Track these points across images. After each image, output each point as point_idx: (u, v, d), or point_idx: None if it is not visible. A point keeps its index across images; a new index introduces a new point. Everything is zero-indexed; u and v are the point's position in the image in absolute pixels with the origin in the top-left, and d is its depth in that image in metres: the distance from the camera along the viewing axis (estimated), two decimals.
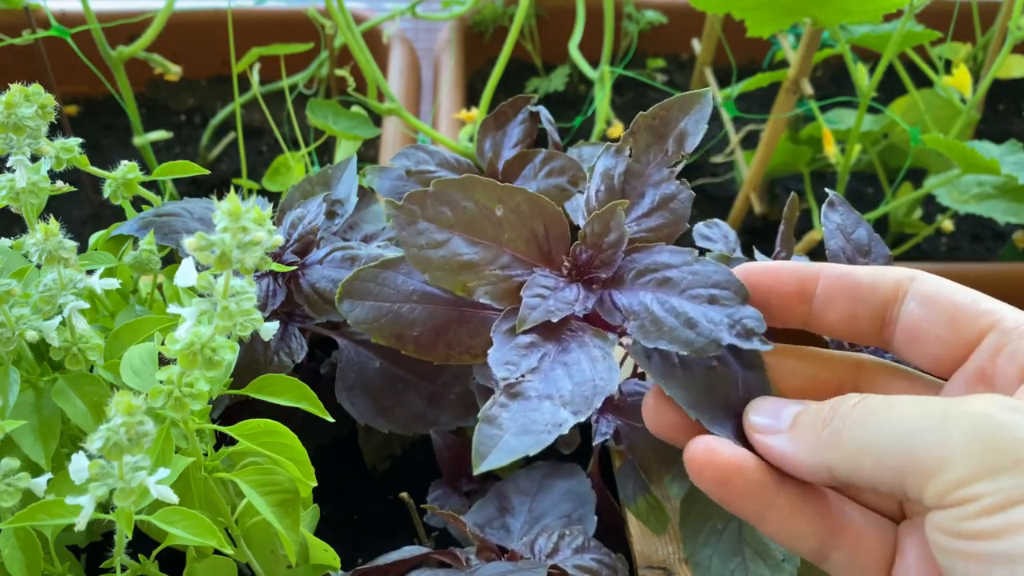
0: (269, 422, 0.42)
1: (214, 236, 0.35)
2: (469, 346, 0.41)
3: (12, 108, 0.44)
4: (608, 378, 0.35)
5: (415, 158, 0.62)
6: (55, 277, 0.43)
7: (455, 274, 0.39)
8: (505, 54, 0.84)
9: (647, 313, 0.37)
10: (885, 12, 0.74)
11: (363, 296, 0.42)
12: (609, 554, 0.49)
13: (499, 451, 0.33)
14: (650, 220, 0.40)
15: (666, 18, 1.17)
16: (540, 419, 0.34)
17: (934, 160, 0.93)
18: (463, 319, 0.41)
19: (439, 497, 0.59)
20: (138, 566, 0.44)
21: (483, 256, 0.39)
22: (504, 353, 0.36)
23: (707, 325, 0.36)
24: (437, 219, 0.39)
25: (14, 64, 0.85)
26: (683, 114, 0.40)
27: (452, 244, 0.39)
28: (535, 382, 0.35)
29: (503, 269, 0.39)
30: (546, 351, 0.36)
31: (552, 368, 0.36)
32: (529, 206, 0.39)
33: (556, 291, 0.38)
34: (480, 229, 0.39)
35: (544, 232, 0.39)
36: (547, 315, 0.37)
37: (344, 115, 0.85)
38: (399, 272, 0.42)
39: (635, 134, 0.40)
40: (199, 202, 0.56)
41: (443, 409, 0.55)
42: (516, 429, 0.33)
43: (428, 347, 0.41)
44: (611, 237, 0.39)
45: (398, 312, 0.41)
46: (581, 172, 0.59)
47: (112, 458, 0.34)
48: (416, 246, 0.38)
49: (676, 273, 0.38)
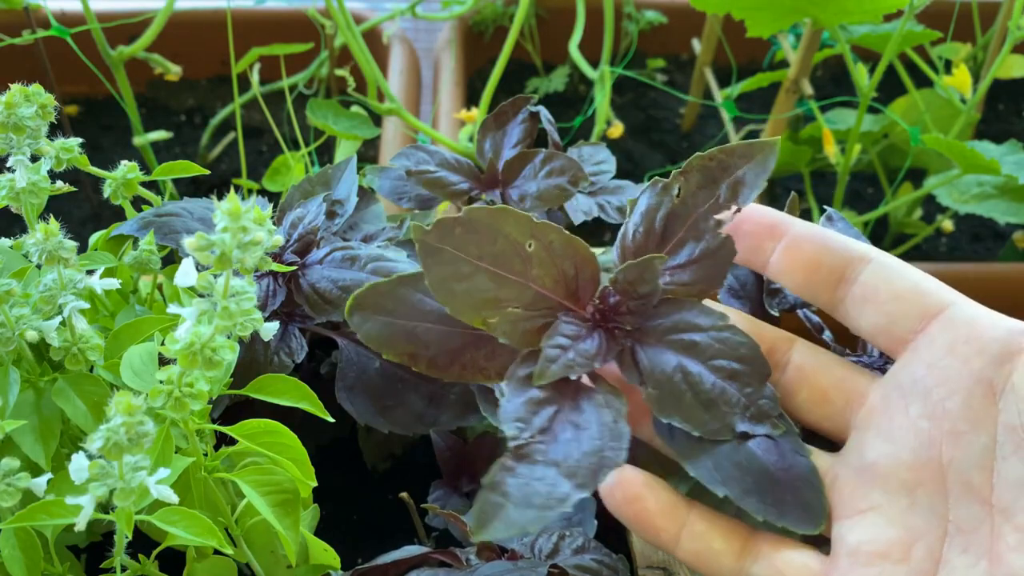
0: (269, 422, 0.42)
1: (214, 236, 0.35)
2: (483, 367, 0.39)
3: (12, 108, 0.44)
4: (618, 448, 0.34)
5: (415, 158, 0.62)
6: (55, 277, 0.43)
7: (477, 310, 0.37)
8: (505, 54, 0.84)
9: (667, 383, 0.36)
10: (885, 12, 0.74)
11: (377, 311, 0.39)
12: (610, 554, 0.49)
13: (500, 522, 0.32)
14: (685, 273, 0.38)
15: (666, 18, 1.17)
16: (543, 491, 0.33)
17: (934, 160, 0.93)
18: (480, 342, 0.39)
19: (439, 497, 0.59)
20: (138, 566, 0.44)
21: (508, 292, 0.37)
22: (516, 407, 0.35)
23: (723, 409, 0.35)
24: (465, 249, 0.36)
25: (14, 64, 0.85)
26: (744, 161, 0.37)
27: (477, 278, 0.37)
28: (544, 445, 0.34)
29: (526, 308, 0.37)
30: (559, 408, 0.35)
31: (563, 429, 0.35)
32: (562, 244, 0.37)
33: (578, 340, 0.37)
34: (508, 264, 0.37)
35: (574, 273, 0.37)
36: (566, 371, 0.36)
37: (344, 115, 0.86)
38: (417, 290, 0.39)
39: (687, 174, 0.38)
40: (199, 202, 0.56)
41: (443, 409, 0.55)
42: (519, 500, 0.32)
43: (442, 367, 0.39)
44: (644, 289, 0.37)
45: (413, 331, 0.39)
46: (581, 172, 0.59)
47: (112, 458, 0.34)
48: (440, 277, 0.36)
49: (703, 338, 0.36)
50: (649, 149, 1.09)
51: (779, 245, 0.38)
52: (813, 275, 0.37)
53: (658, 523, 0.36)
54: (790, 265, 0.38)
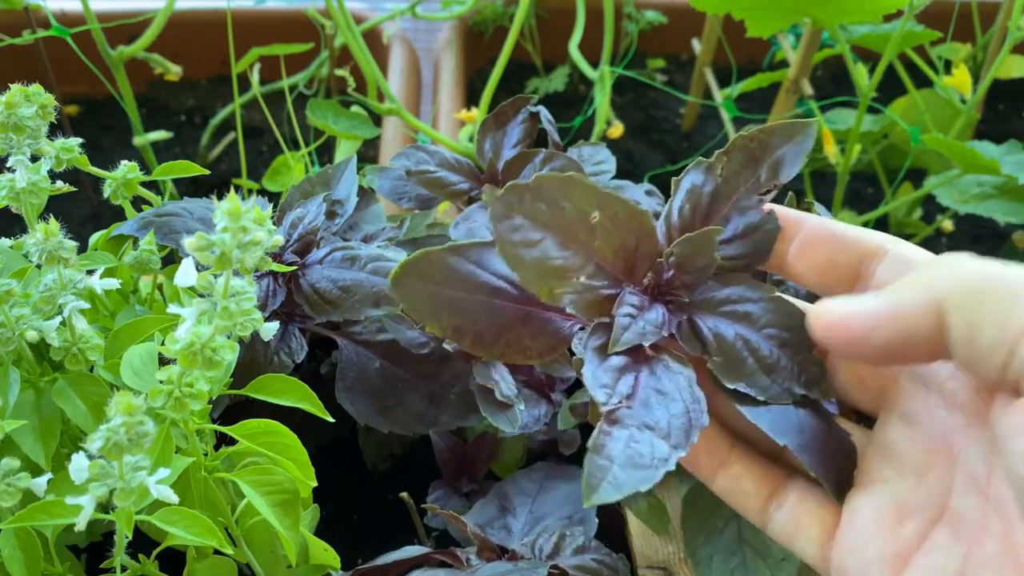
0: (269, 422, 0.42)
1: (214, 236, 0.35)
2: (527, 347, 0.38)
3: (12, 108, 0.44)
4: (699, 410, 0.35)
5: (415, 158, 0.62)
6: (55, 277, 0.43)
7: (545, 279, 0.37)
8: (505, 54, 0.84)
9: (730, 350, 0.37)
10: (885, 12, 0.74)
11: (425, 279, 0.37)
12: (610, 554, 0.49)
13: (609, 484, 0.32)
14: (731, 248, 0.38)
15: (666, 18, 1.17)
16: (646, 452, 0.33)
17: (934, 160, 0.93)
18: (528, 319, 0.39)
19: (439, 497, 0.59)
20: (138, 566, 0.44)
21: (572, 262, 0.37)
22: (599, 374, 0.35)
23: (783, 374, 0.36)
24: (534, 216, 0.36)
25: (14, 64, 0.85)
26: (784, 141, 0.38)
27: (544, 245, 0.37)
28: (631, 410, 0.35)
29: (590, 278, 0.37)
30: (637, 375, 0.36)
31: (647, 395, 0.35)
32: (627, 216, 0.37)
33: (643, 311, 0.37)
34: (573, 234, 0.37)
35: (635, 246, 0.38)
36: (639, 338, 0.36)
37: (344, 115, 0.85)
38: (469, 261, 0.38)
39: (729, 154, 0.38)
40: (199, 202, 0.56)
41: (443, 409, 0.55)
42: (623, 461, 0.33)
43: (487, 344, 0.38)
44: (700, 263, 0.38)
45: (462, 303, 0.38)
46: (581, 172, 0.59)
47: (112, 458, 0.34)
48: (510, 242, 0.36)
49: (755, 308, 0.37)
50: (649, 149, 1.09)
51: (792, 245, 0.38)
52: (829, 274, 0.38)
53: (700, 459, 0.39)
54: (805, 265, 0.38)
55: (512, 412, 0.53)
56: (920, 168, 0.96)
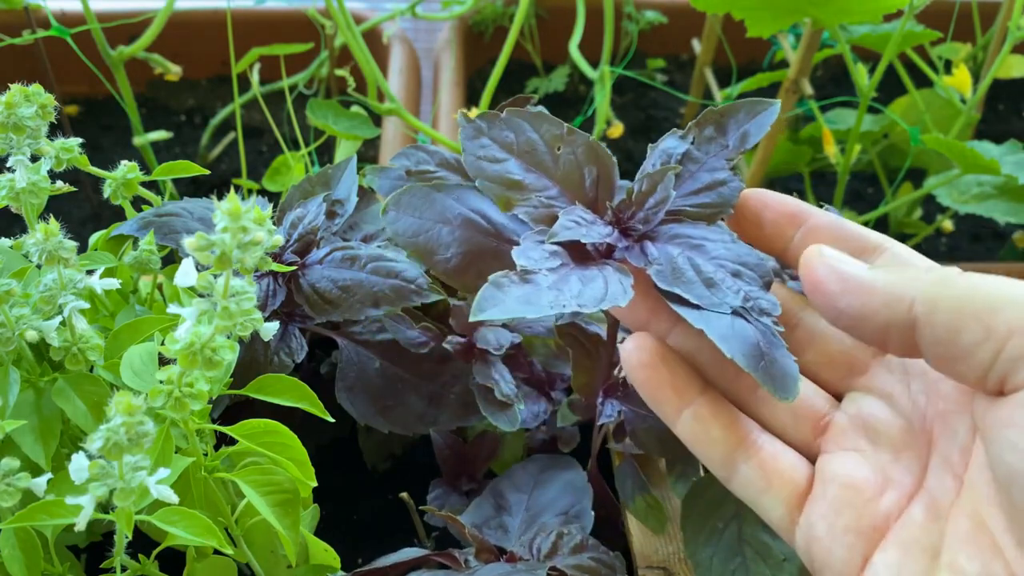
0: (269, 422, 0.42)
1: (214, 236, 0.35)
2: None
3: (12, 108, 0.44)
4: (621, 292, 0.36)
5: (415, 158, 0.62)
6: (55, 277, 0.43)
7: (504, 188, 0.40)
8: (505, 54, 0.84)
9: (671, 263, 0.38)
10: (885, 12, 0.74)
11: (409, 209, 0.43)
12: (607, 552, 0.49)
13: (498, 308, 0.33)
14: (698, 197, 0.41)
15: (666, 18, 1.17)
16: (545, 298, 0.34)
17: (934, 160, 0.93)
18: (498, 253, 0.42)
19: (439, 497, 0.59)
20: (138, 566, 0.44)
21: (534, 182, 0.40)
22: (531, 249, 0.37)
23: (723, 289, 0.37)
24: (500, 140, 0.41)
25: (14, 64, 0.85)
26: (749, 117, 0.41)
27: (508, 164, 0.40)
28: (550, 277, 0.36)
29: (549, 199, 0.40)
30: (567, 263, 0.37)
31: (568, 275, 0.36)
32: (587, 151, 0.41)
33: (592, 224, 0.39)
34: (537, 160, 0.41)
35: (596, 178, 0.41)
36: (578, 235, 0.38)
37: (344, 115, 0.85)
38: (449, 196, 0.43)
39: (700, 124, 0.41)
40: (199, 202, 0.56)
41: (443, 409, 0.55)
42: (519, 296, 0.34)
43: (458, 272, 0.42)
44: (656, 196, 0.40)
45: (438, 232, 0.43)
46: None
47: (112, 458, 0.34)
48: (475, 155, 0.40)
49: (710, 244, 0.39)
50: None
51: (798, 233, 0.39)
52: None
53: (666, 394, 0.38)
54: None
55: (512, 411, 0.53)
56: (920, 168, 0.96)
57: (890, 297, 0.33)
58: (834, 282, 0.34)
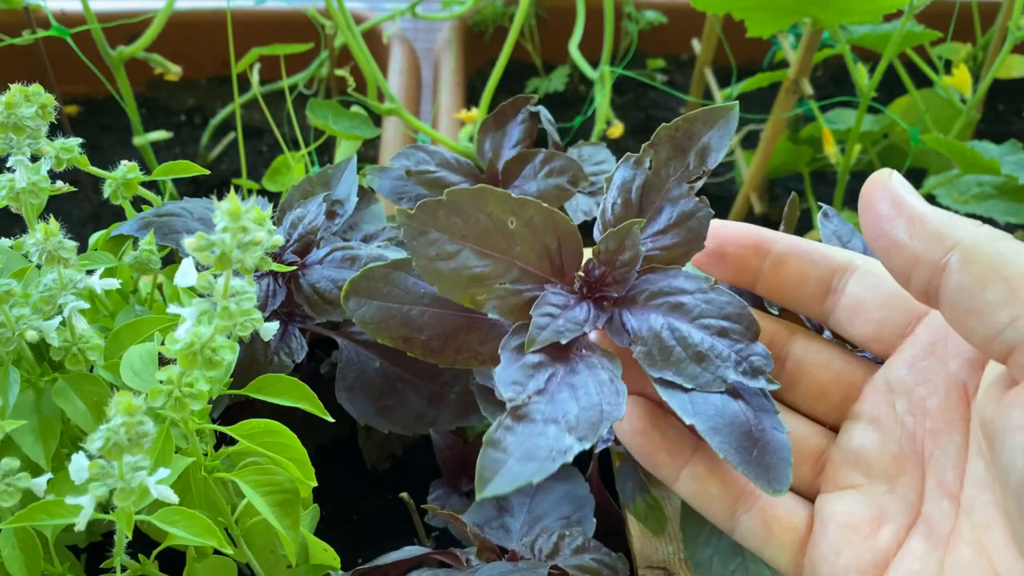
0: (269, 422, 0.42)
1: (214, 236, 0.35)
2: (477, 352, 0.39)
3: (12, 108, 0.44)
4: (615, 403, 0.35)
5: (415, 158, 0.62)
6: (55, 277, 0.43)
7: (464, 287, 0.37)
8: (505, 54, 0.84)
9: (656, 340, 0.36)
10: (885, 12, 0.74)
11: (371, 295, 0.40)
12: (609, 554, 0.49)
13: (502, 477, 0.32)
14: (666, 238, 0.38)
15: (666, 18, 1.16)
16: (545, 444, 0.33)
17: (934, 160, 0.93)
18: (473, 325, 0.40)
19: (439, 497, 0.59)
20: (138, 566, 0.44)
21: (493, 269, 0.38)
22: (511, 372, 0.35)
23: (715, 362, 0.36)
24: (449, 229, 0.37)
25: (14, 64, 0.85)
26: (707, 127, 0.38)
27: (462, 256, 0.37)
28: (541, 404, 0.34)
29: (513, 283, 0.38)
30: (554, 371, 0.36)
31: (559, 390, 0.35)
32: (543, 219, 0.38)
33: (566, 310, 0.38)
34: (491, 242, 0.37)
35: (557, 247, 0.38)
36: (556, 336, 0.36)
37: (344, 115, 0.85)
38: (410, 274, 0.40)
39: (656, 146, 0.39)
40: (199, 202, 0.56)
41: (443, 409, 0.55)
42: (520, 455, 0.33)
43: (436, 351, 0.40)
44: (625, 256, 0.38)
45: (407, 314, 0.40)
46: (581, 172, 0.59)
47: (112, 458, 0.34)
48: (426, 257, 0.37)
49: (689, 300, 0.37)
50: None
51: (765, 264, 0.39)
52: (800, 290, 0.39)
53: (662, 458, 0.38)
54: (777, 282, 0.39)
55: None
56: (920, 168, 0.96)
57: (936, 233, 0.33)
58: (889, 205, 0.34)
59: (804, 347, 0.40)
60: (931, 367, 0.36)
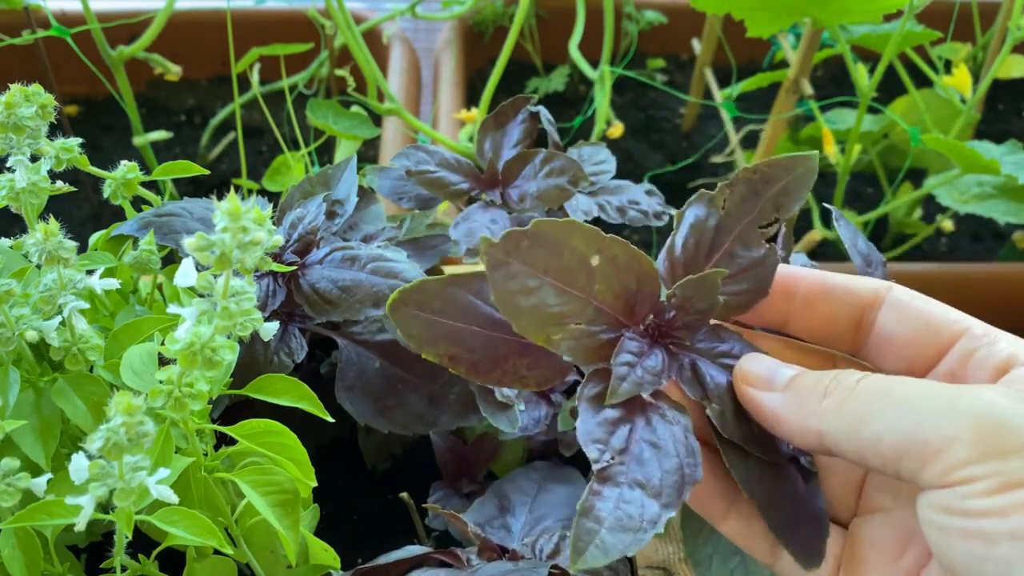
0: (269, 422, 0.42)
1: (214, 236, 0.35)
2: (523, 376, 0.38)
3: (12, 108, 0.44)
4: (693, 464, 0.35)
5: (415, 158, 0.62)
6: (55, 277, 0.43)
7: (542, 325, 0.36)
8: (505, 54, 0.84)
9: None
10: (885, 12, 0.74)
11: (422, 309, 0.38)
12: None
13: (596, 548, 0.32)
14: (734, 284, 0.38)
15: (666, 18, 1.17)
16: (635, 513, 0.33)
17: (934, 160, 0.93)
18: (524, 351, 0.38)
19: (440, 498, 0.59)
20: (138, 566, 0.44)
21: (571, 308, 0.36)
22: (593, 428, 0.35)
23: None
24: (531, 262, 0.36)
25: (14, 64, 0.85)
26: (786, 174, 0.38)
27: (542, 292, 0.36)
28: (624, 466, 0.35)
29: (588, 324, 0.37)
30: (632, 425, 0.36)
31: (641, 449, 0.35)
32: (627, 258, 0.37)
33: (643, 357, 0.37)
34: (572, 279, 0.36)
35: (635, 289, 0.37)
36: (637, 388, 0.36)
37: (344, 115, 0.85)
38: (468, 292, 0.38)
39: (733, 186, 0.38)
40: (199, 202, 0.56)
41: (443, 409, 0.55)
42: (611, 524, 0.33)
43: (483, 373, 0.38)
44: (702, 305, 0.37)
45: (459, 333, 0.38)
46: (581, 172, 0.59)
47: (112, 458, 0.34)
48: (507, 291, 0.36)
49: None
50: (649, 149, 1.09)
51: (792, 307, 0.39)
52: (831, 329, 0.39)
53: (715, 502, 0.39)
54: (808, 324, 0.39)
55: (512, 412, 0.53)
56: (920, 168, 0.96)
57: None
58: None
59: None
60: None
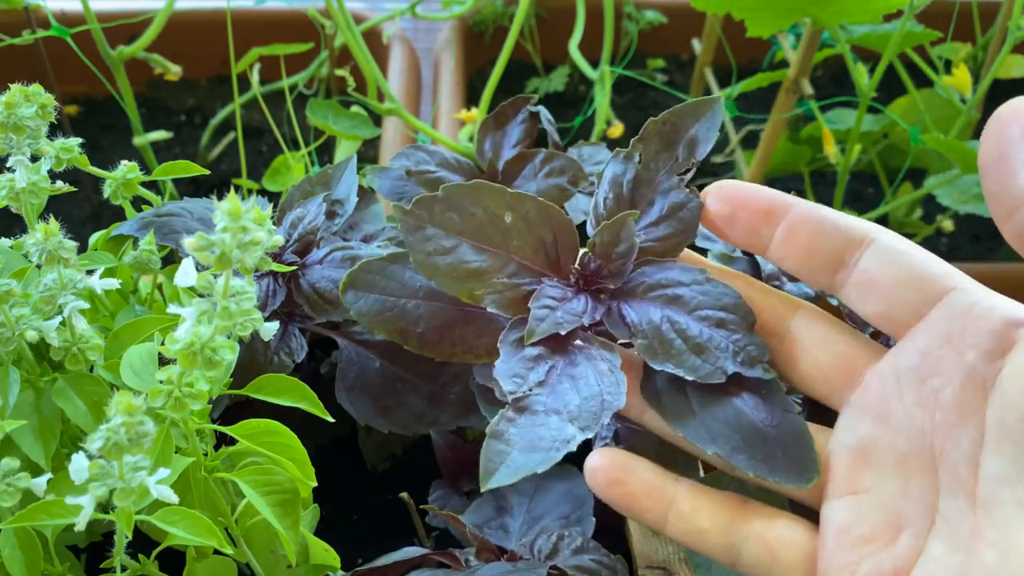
0: (269, 422, 0.42)
1: (214, 236, 0.35)
2: (473, 345, 0.40)
3: (12, 108, 0.44)
4: (616, 392, 0.35)
5: (415, 158, 0.62)
6: (55, 277, 0.43)
7: (462, 281, 0.38)
8: (505, 54, 0.84)
9: (656, 333, 0.37)
10: (885, 12, 0.74)
11: (369, 288, 0.41)
12: (608, 555, 0.48)
13: (506, 468, 0.33)
14: (659, 229, 0.39)
15: (666, 18, 1.17)
16: (547, 435, 0.33)
17: (934, 160, 0.93)
18: (469, 318, 0.40)
19: (440, 497, 0.59)
20: (138, 566, 0.44)
21: (490, 264, 0.38)
22: (511, 365, 0.36)
23: (714, 352, 0.36)
24: (445, 224, 0.38)
25: (14, 64, 0.85)
26: (694, 120, 0.39)
27: (459, 251, 0.38)
28: (543, 396, 0.35)
29: (510, 277, 0.38)
30: (553, 364, 0.36)
31: (559, 381, 0.35)
32: (538, 213, 0.38)
33: (564, 302, 0.38)
34: (488, 236, 0.38)
35: (553, 240, 0.39)
36: (555, 327, 0.37)
37: (344, 115, 0.85)
38: (407, 267, 0.41)
39: (645, 140, 0.39)
40: (199, 202, 0.56)
41: (443, 409, 0.55)
42: (523, 445, 0.33)
43: (432, 344, 0.40)
44: (621, 248, 0.38)
45: (403, 307, 0.41)
46: (581, 172, 0.59)
47: (112, 458, 0.34)
48: (423, 252, 0.38)
49: (686, 291, 0.37)
50: None
51: (778, 229, 0.37)
52: (810, 259, 0.37)
53: (643, 504, 0.37)
54: (788, 251, 0.37)
55: None
56: (920, 168, 0.96)
57: None
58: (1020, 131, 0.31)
59: (806, 324, 0.38)
60: (946, 357, 0.34)
